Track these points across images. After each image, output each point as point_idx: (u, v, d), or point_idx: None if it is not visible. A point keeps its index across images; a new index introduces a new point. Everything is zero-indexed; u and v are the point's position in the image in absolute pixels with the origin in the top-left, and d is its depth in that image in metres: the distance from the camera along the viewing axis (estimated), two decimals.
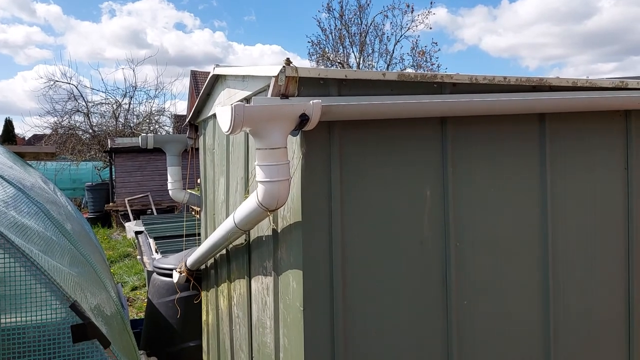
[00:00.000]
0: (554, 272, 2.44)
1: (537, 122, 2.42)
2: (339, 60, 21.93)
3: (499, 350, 2.36)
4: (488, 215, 2.33)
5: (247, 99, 2.55)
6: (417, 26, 22.25)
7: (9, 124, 31.59)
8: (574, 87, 2.43)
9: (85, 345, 1.61)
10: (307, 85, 1.95)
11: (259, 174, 1.88)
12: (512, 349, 2.39)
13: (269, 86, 1.98)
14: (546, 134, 2.42)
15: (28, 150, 5.32)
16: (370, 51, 22.22)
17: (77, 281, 2.03)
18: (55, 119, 18.63)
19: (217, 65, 3.13)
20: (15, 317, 1.60)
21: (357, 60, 22.01)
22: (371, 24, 21.96)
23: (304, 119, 1.81)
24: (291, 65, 1.88)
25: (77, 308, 1.57)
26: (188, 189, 4.56)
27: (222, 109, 1.78)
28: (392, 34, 23.60)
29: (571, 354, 2.52)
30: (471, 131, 2.28)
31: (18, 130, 31.16)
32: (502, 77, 2.26)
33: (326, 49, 22.32)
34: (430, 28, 27.26)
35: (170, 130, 21.54)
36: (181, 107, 29.33)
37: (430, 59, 21.64)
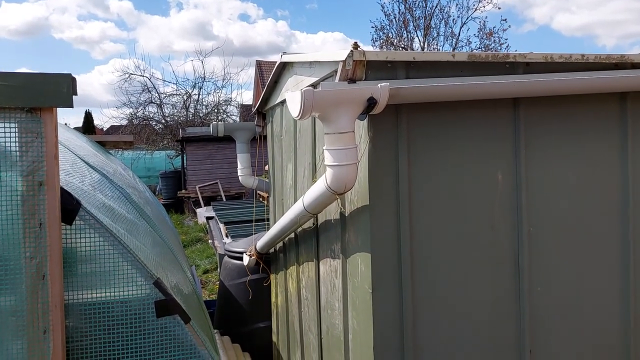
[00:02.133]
0: (635, 257, 2.32)
1: (618, 102, 2.29)
2: (402, 45, 21.56)
3: (573, 339, 2.28)
4: (563, 198, 2.24)
5: (314, 85, 2.58)
6: (484, 7, 21.41)
7: (88, 116, 33.55)
8: None
9: (168, 320, 1.72)
10: (374, 68, 1.95)
11: (327, 158, 1.91)
12: (588, 337, 2.30)
13: (336, 72, 2.00)
14: (628, 113, 2.29)
15: (108, 139, 5.64)
16: (435, 35, 21.69)
17: (158, 261, 2.16)
18: (131, 110, 19.62)
19: (284, 53, 3.18)
20: (104, 293, 1.73)
21: (422, 44, 21.55)
22: (436, 6, 21.40)
23: (371, 102, 1.82)
24: (359, 49, 1.88)
25: (160, 285, 1.68)
26: (256, 176, 4.69)
27: (292, 94, 1.82)
28: (458, 17, 22.86)
29: None
30: (545, 112, 2.20)
31: (97, 121, 33.05)
32: (580, 54, 2.16)
33: (390, 34, 22.01)
34: (499, 8, 26.28)
35: (237, 119, 22.10)
36: (247, 96, 29.97)
37: (499, 40, 20.85)
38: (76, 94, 1.56)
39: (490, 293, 2.17)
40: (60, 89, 1.52)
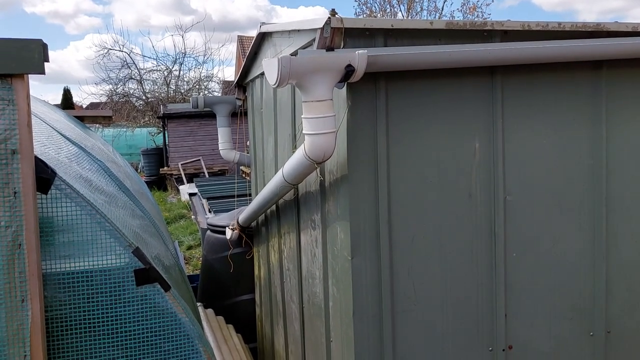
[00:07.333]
0: (608, 224, 2.38)
1: (593, 70, 2.31)
2: None
3: (547, 303, 2.34)
4: (539, 166, 2.28)
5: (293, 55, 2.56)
6: None
7: (67, 93, 32.78)
8: (635, 32, 2.30)
9: (147, 288, 1.72)
10: (352, 36, 1.94)
11: (305, 127, 1.91)
12: (561, 300, 2.37)
13: (314, 40, 1.98)
14: (602, 81, 2.32)
15: (87, 114, 5.56)
16: (418, 9, 21.58)
17: (138, 232, 2.15)
18: (110, 86, 19.28)
19: (263, 24, 3.14)
20: (82, 262, 1.72)
21: (405, 19, 21.40)
22: None
23: (349, 70, 1.81)
24: (336, 16, 1.87)
25: (139, 253, 1.68)
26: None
27: (269, 61, 1.81)
28: None
29: (625, 309, 2.47)
30: (522, 81, 2.22)
31: (76, 98, 32.32)
32: (557, 23, 2.17)
33: (373, 9, 21.83)
34: None
35: (220, 95, 21.84)
36: (228, 72, 29.61)
37: (482, 15, 20.81)
38: (48, 61, 1.52)
39: (467, 259, 2.21)
40: (31, 54, 1.49)
